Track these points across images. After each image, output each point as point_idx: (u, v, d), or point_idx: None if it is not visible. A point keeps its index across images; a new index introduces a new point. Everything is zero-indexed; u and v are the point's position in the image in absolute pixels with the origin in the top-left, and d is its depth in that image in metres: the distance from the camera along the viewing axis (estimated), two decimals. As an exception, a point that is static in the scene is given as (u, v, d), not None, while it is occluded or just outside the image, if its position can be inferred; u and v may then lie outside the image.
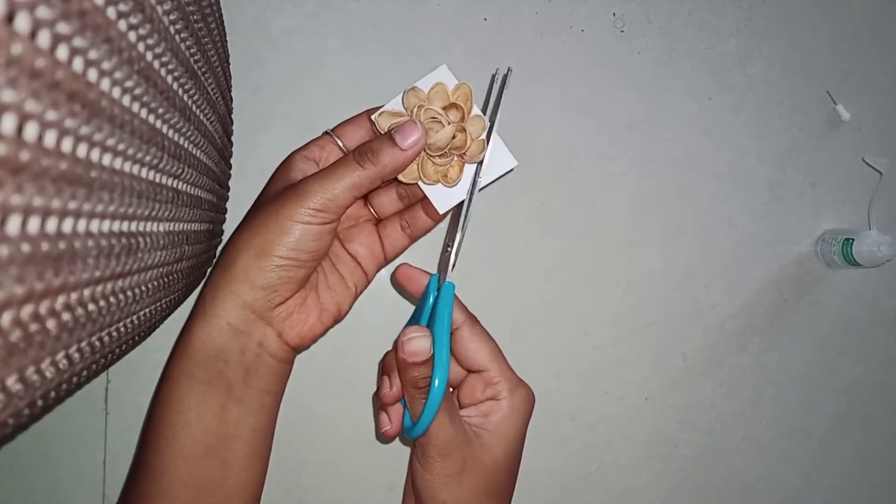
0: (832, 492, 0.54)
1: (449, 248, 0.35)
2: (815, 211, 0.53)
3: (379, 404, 0.36)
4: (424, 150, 0.33)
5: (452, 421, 0.32)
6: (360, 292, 0.36)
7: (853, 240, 0.48)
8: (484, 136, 0.34)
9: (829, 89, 0.53)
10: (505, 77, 0.35)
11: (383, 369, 0.36)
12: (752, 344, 0.53)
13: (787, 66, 0.53)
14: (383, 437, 0.37)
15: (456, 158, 0.34)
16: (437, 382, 0.31)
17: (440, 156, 0.33)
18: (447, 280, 0.34)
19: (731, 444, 0.53)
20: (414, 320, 0.37)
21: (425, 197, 0.35)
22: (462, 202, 0.35)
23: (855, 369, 0.54)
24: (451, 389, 0.37)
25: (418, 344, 0.31)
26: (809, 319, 0.53)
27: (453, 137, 0.32)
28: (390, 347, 0.49)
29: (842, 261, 0.50)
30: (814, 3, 0.53)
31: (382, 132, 0.33)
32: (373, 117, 0.34)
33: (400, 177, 0.33)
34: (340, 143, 0.35)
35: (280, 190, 0.32)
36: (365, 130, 0.35)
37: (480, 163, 0.35)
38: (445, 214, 0.36)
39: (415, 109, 0.33)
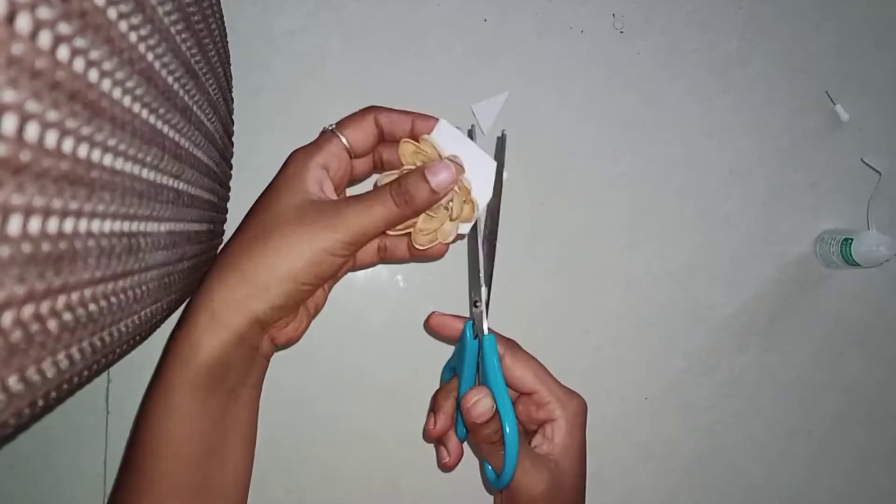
0: (833, 492, 0.54)
1: (478, 305, 0.36)
2: (815, 211, 0.53)
3: (431, 439, 0.38)
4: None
5: (534, 463, 0.34)
6: (329, 291, 0.37)
7: (852, 240, 0.48)
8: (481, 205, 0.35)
9: (828, 89, 0.53)
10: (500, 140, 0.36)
11: (431, 406, 0.38)
12: (752, 344, 0.53)
13: (788, 66, 0.53)
14: (444, 468, 0.39)
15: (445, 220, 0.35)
16: (508, 429, 0.32)
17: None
18: (487, 333, 0.35)
19: (731, 444, 0.53)
20: (455, 364, 0.38)
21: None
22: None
23: (855, 369, 0.54)
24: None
25: (483, 405, 0.33)
26: (809, 319, 0.53)
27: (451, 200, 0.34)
28: (396, 354, 0.50)
29: (841, 261, 0.50)
30: (814, 3, 0.53)
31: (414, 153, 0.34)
32: (425, 137, 0.34)
33: (416, 245, 0.34)
34: (346, 143, 0.34)
35: (303, 206, 0.31)
36: (368, 131, 0.34)
37: (494, 214, 0.35)
38: (425, 255, 0.36)
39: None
